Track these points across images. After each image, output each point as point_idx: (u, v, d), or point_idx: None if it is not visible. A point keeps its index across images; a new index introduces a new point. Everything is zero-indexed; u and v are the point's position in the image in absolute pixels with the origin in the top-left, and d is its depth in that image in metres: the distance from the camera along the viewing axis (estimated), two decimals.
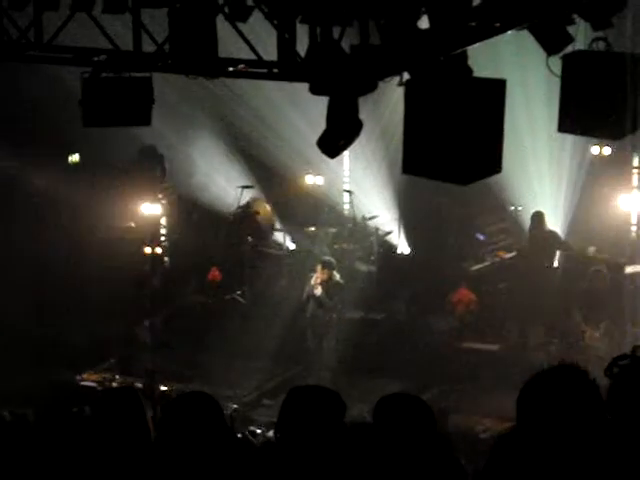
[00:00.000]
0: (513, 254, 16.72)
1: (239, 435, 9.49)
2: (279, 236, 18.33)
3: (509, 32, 7.55)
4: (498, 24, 7.48)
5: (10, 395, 12.26)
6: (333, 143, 7.80)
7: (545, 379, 3.61)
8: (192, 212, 18.63)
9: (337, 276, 14.53)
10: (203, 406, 4.74)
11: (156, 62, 8.84)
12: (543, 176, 17.34)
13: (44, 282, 15.76)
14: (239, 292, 17.02)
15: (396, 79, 7.28)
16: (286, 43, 7.85)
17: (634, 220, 15.89)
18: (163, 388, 13.17)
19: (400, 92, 7.09)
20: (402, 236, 18.19)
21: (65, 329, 14.67)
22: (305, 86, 7.55)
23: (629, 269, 14.67)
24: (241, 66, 8.37)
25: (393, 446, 4.45)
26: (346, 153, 15.24)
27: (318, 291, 14.23)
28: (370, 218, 17.86)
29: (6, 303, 14.46)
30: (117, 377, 14.15)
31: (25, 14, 9.08)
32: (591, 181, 16.85)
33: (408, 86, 7.03)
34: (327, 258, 14.94)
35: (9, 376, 13.22)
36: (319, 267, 14.39)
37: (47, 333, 14.62)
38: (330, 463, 4.47)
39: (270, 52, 8.07)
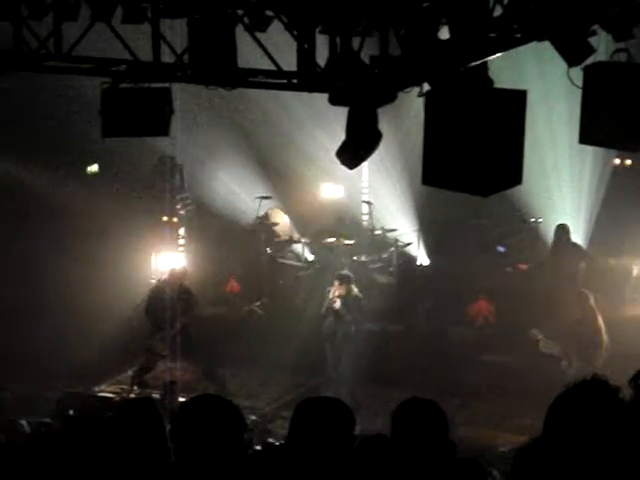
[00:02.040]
0: (533, 266, 16.63)
1: (257, 447, 9.47)
2: (298, 247, 18.27)
3: (530, 43, 7.51)
4: (519, 35, 7.44)
5: (28, 405, 12.31)
6: (352, 154, 7.78)
7: (576, 394, 3.57)
8: (210, 223, 18.61)
9: (355, 290, 14.40)
10: (221, 409, 4.59)
11: (175, 72, 8.88)
12: (564, 188, 17.27)
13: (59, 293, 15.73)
14: (257, 303, 16.99)
15: (416, 90, 7.25)
16: (306, 53, 7.87)
17: None
18: (181, 399, 13.14)
19: (420, 103, 7.06)
20: (421, 248, 18.11)
21: (81, 340, 14.63)
22: (324, 97, 7.53)
23: None
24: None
25: (409, 451, 4.45)
26: (365, 164, 15.18)
27: (337, 304, 14.15)
28: (389, 231, 17.80)
29: (20, 314, 14.49)
30: (135, 389, 14.11)
31: (44, 24, 9.12)
32: (613, 192, 16.77)
33: (428, 97, 7.00)
34: (344, 272, 14.83)
35: (27, 387, 13.23)
36: (336, 282, 14.31)
37: (63, 344, 14.58)
38: (339, 475, 4.44)
39: (290, 63, 8.07)
